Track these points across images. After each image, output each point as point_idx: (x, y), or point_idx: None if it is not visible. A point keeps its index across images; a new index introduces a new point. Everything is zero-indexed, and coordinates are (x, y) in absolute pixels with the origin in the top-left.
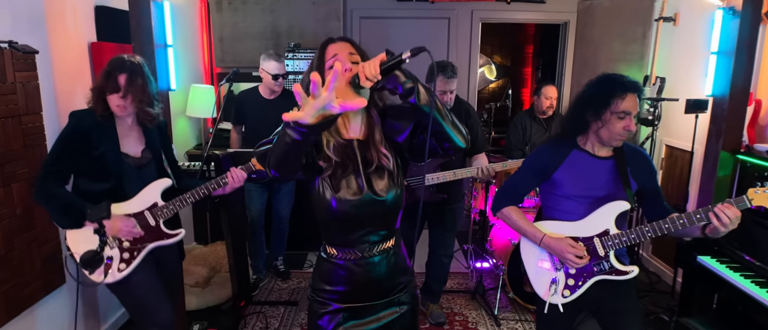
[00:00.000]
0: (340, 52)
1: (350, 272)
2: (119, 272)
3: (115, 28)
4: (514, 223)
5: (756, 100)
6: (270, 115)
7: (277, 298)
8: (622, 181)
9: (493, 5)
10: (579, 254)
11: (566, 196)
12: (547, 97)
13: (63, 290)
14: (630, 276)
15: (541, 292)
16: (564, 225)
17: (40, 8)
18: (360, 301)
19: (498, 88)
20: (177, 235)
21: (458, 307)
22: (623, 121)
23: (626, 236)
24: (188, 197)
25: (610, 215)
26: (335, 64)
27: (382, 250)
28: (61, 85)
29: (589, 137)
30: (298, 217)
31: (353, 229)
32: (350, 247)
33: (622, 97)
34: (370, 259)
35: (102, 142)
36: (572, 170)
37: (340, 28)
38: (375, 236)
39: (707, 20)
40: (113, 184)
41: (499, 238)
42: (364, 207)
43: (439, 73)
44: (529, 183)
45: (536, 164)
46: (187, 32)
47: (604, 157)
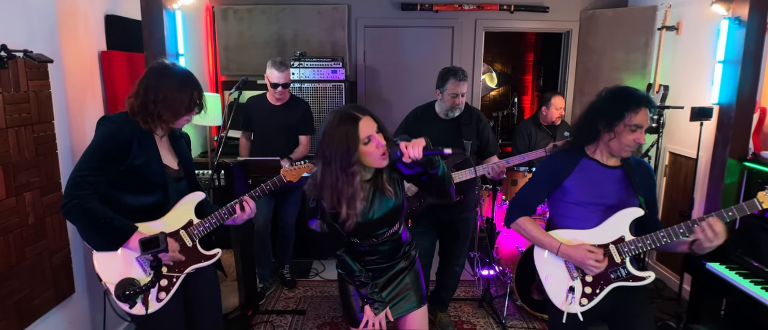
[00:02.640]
0: (371, 131)
1: (378, 254)
2: (158, 302)
3: (124, 37)
4: (528, 233)
5: (761, 108)
6: (277, 121)
7: (284, 306)
8: (633, 188)
9: (496, 14)
10: (598, 259)
11: (577, 202)
12: (557, 107)
13: (73, 300)
14: (647, 282)
15: (558, 301)
16: (579, 233)
17: (53, 17)
18: (382, 273)
19: (499, 96)
20: (215, 256)
21: (466, 316)
22: (634, 134)
23: (642, 242)
24: (224, 213)
25: (625, 222)
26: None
27: (388, 236)
28: (72, 93)
29: (599, 147)
30: (304, 226)
31: (367, 234)
32: (366, 241)
33: (636, 111)
34: (381, 244)
35: (144, 151)
36: (583, 177)
37: (345, 37)
38: (382, 231)
39: (713, 29)
40: (158, 197)
41: (505, 246)
42: (375, 218)
43: (450, 76)
44: (541, 192)
45: (547, 172)
46: (194, 41)
47: (613, 167)
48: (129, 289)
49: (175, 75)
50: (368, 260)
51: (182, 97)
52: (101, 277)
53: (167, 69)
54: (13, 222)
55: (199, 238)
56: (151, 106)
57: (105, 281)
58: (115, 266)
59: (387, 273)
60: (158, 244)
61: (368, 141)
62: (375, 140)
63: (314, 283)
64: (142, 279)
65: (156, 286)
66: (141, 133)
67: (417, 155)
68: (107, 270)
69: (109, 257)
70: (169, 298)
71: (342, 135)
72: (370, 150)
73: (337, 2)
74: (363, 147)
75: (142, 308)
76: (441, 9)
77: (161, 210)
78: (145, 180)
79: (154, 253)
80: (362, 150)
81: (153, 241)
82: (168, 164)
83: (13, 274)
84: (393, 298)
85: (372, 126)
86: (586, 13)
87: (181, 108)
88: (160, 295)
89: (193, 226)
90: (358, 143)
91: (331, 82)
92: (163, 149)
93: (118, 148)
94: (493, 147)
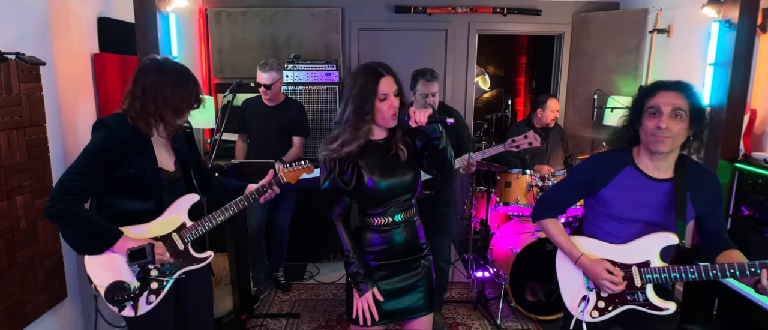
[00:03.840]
0: (389, 91)
1: (383, 236)
2: (148, 304)
3: (117, 39)
4: (552, 236)
5: (751, 109)
6: (271, 122)
7: (278, 310)
8: (675, 210)
9: (489, 17)
10: (615, 281)
11: (612, 216)
12: (553, 110)
13: (65, 304)
14: (666, 313)
15: (570, 306)
16: (604, 246)
17: (46, 20)
18: (390, 260)
19: (492, 98)
20: (206, 258)
21: (461, 317)
22: (653, 119)
23: (668, 272)
24: (218, 216)
25: (655, 246)
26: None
27: (406, 218)
28: (64, 96)
29: (641, 149)
30: (298, 229)
31: (384, 201)
32: (382, 215)
33: (654, 94)
34: (396, 226)
35: (139, 158)
36: (622, 189)
37: (338, 40)
38: (400, 206)
39: (703, 32)
40: (151, 205)
41: (500, 247)
42: (390, 185)
43: (420, 78)
44: (572, 195)
45: (583, 175)
46: (187, 43)
47: (661, 180)
48: (118, 294)
49: (173, 72)
50: (382, 250)
51: (183, 94)
52: (92, 279)
53: (163, 66)
54: (5, 226)
55: (192, 241)
56: (151, 108)
57: (95, 284)
58: (107, 270)
59: (399, 270)
60: (145, 255)
61: (384, 98)
62: (390, 100)
63: (309, 286)
64: (133, 283)
65: (144, 294)
66: (137, 139)
67: (422, 121)
68: (98, 273)
69: (101, 261)
70: (159, 300)
71: (363, 85)
72: (383, 107)
73: (330, 5)
74: (378, 102)
75: (132, 311)
76: (434, 12)
77: (154, 215)
78: (139, 187)
79: (141, 265)
80: (377, 105)
81: (140, 252)
82: (164, 167)
83: (5, 279)
84: (398, 292)
85: (392, 86)
86: (578, 16)
87: (183, 106)
88: (149, 297)
89: (185, 229)
90: (375, 97)
91: (324, 85)
92: (159, 150)
93: (111, 156)
94: (467, 146)
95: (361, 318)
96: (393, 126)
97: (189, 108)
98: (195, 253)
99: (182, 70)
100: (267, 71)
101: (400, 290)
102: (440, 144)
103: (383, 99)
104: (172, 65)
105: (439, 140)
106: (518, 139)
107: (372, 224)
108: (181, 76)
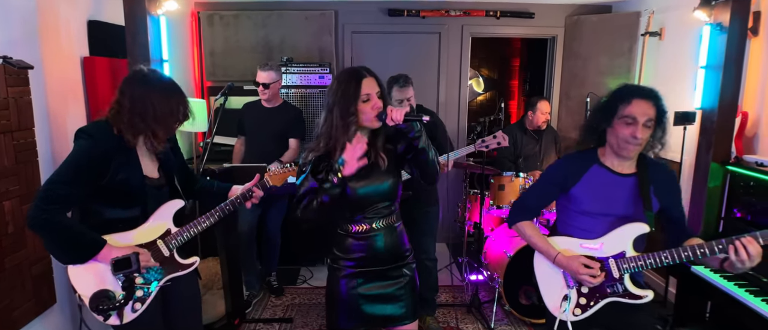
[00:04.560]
0: (372, 91)
1: (362, 243)
2: (133, 312)
3: (107, 42)
4: (528, 238)
5: (743, 112)
6: (268, 125)
7: (271, 315)
8: (643, 201)
9: (483, 20)
10: (593, 274)
11: (584, 212)
12: (543, 112)
13: (54, 311)
14: (645, 300)
15: (552, 307)
16: (579, 243)
17: (34, 23)
18: (371, 267)
19: (486, 101)
20: (192, 264)
21: (454, 321)
22: (629, 127)
23: (643, 260)
24: (203, 221)
25: (628, 237)
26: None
27: (385, 225)
28: (53, 100)
29: (607, 149)
30: (291, 232)
31: (362, 208)
32: (362, 221)
33: (629, 101)
34: (375, 232)
35: (123, 167)
36: (591, 186)
37: (332, 43)
38: (378, 214)
39: (695, 35)
40: (136, 212)
41: (493, 250)
42: (368, 191)
43: (393, 84)
44: (547, 196)
45: (555, 176)
46: (178, 46)
47: (625, 174)
48: (103, 303)
49: (160, 87)
50: (362, 257)
51: (171, 109)
52: (76, 289)
53: (150, 81)
54: None
55: (177, 247)
56: (141, 124)
57: (80, 293)
58: (91, 279)
59: (380, 276)
60: (130, 264)
61: (367, 99)
62: (373, 101)
63: (302, 290)
64: (117, 292)
65: (129, 303)
66: (122, 147)
67: (399, 119)
68: (82, 282)
69: (85, 269)
70: (144, 308)
71: (345, 87)
72: (365, 108)
73: (324, 8)
74: (361, 104)
75: (117, 319)
76: (428, 15)
77: (139, 222)
78: (123, 195)
79: (126, 274)
80: (359, 107)
81: (124, 262)
82: (148, 174)
83: None
84: (379, 298)
85: (374, 87)
86: (571, 19)
87: (173, 122)
88: (135, 305)
89: (170, 235)
90: (358, 98)
91: (318, 88)
92: (144, 159)
93: (94, 165)
94: (444, 147)
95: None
96: (377, 126)
97: (177, 122)
98: (180, 259)
99: (170, 84)
100: (266, 70)
101: (382, 297)
102: (419, 143)
103: (366, 100)
104: (160, 79)
105: (418, 140)
106: (488, 139)
107: (351, 231)
108: (168, 91)
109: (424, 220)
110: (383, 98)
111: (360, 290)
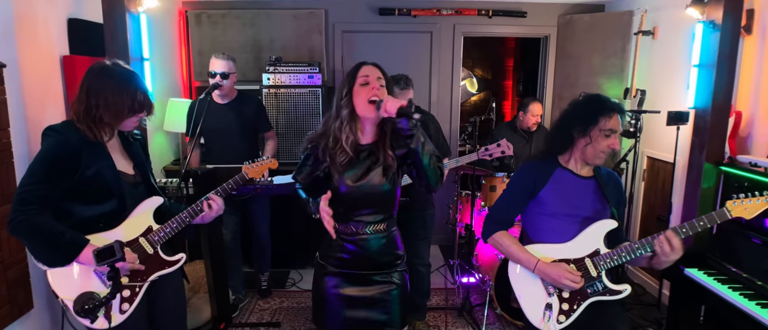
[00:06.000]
0: (371, 75)
1: (349, 243)
2: (122, 314)
3: (88, 41)
4: (506, 249)
5: (736, 111)
6: (229, 121)
7: (258, 319)
8: (607, 200)
9: (475, 19)
10: (575, 279)
11: (553, 214)
12: (534, 114)
13: (31, 316)
14: (624, 294)
15: (535, 320)
16: (554, 247)
17: (10, 21)
18: (355, 269)
19: (480, 101)
20: (178, 261)
21: (445, 325)
22: (609, 139)
23: (617, 254)
24: (185, 216)
25: (599, 234)
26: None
27: (376, 230)
28: (30, 100)
29: (573, 155)
30: (281, 235)
31: (354, 209)
32: (349, 223)
33: (610, 116)
34: (364, 236)
35: (94, 160)
36: (558, 188)
37: (322, 42)
38: (371, 218)
39: (687, 34)
40: (114, 205)
41: (485, 253)
42: (363, 192)
43: (393, 86)
44: (518, 204)
45: (522, 184)
46: (165, 45)
47: (587, 177)
48: (88, 303)
49: (115, 75)
50: (349, 259)
51: (123, 98)
52: (58, 294)
53: (106, 69)
54: None
55: (161, 245)
56: (93, 111)
57: (62, 298)
58: (72, 281)
59: (366, 280)
60: (114, 253)
61: (365, 83)
62: (372, 85)
63: (291, 293)
64: (101, 292)
65: (117, 298)
66: (89, 142)
67: (391, 110)
68: (63, 286)
69: (65, 273)
70: (133, 308)
71: (348, 72)
72: (361, 92)
73: (313, 7)
74: (358, 87)
75: (105, 322)
76: (419, 14)
77: (118, 218)
78: (99, 189)
79: (111, 263)
80: (355, 90)
81: (108, 251)
82: (123, 170)
83: None
84: (364, 302)
85: (375, 73)
86: (564, 18)
87: (124, 110)
88: (123, 306)
89: (153, 232)
90: (355, 81)
91: (307, 88)
92: (116, 155)
93: (66, 160)
94: (443, 150)
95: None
96: (372, 116)
97: (131, 113)
98: (166, 256)
99: (127, 73)
100: (224, 59)
101: (362, 300)
102: (411, 142)
103: (364, 83)
104: (118, 69)
105: (411, 139)
106: (491, 147)
107: (340, 230)
108: (124, 80)
109: (419, 224)
110: (388, 90)
111: (340, 291)
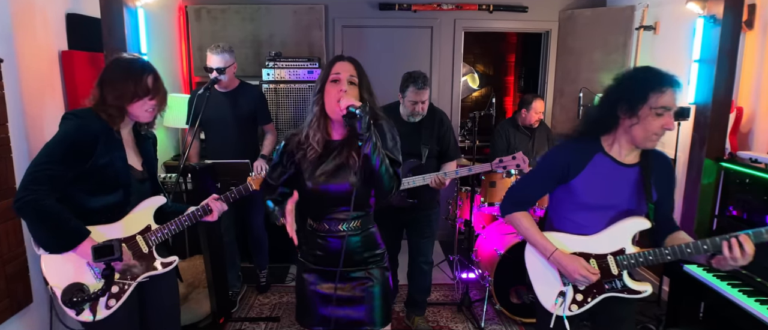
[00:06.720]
0: (343, 72)
1: (324, 241)
2: (107, 309)
3: (87, 36)
4: (523, 231)
5: (737, 107)
6: (227, 111)
7: (257, 314)
8: (645, 194)
9: (475, 14)
10: (590, 278)
11: (583, 205)
12: (537, 111)
13: (30, 310)
14: (643, 295)
15: (547, 304)
16: (576, 238)
17: (7, 15)
18: (330, 266)
19: (481, 97)
20: (171, 263)
21: (444, 320)
22: (662, 119)
23: (644, 257)
24: (184, 220)
25: (628, 233)
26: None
27: (351, 228)
28: (28, 95)
29: (617, 138)
30: (280, 230)
31: (325, 206)
32: (322, 221)
33: (662, 91)
34: (340, 234)
35: (109, 149)
36: (594, 177)
37: (322, 37)
38: (343, 215)
39: (688, 28)
40: (119, 197)
41: (484, 249)
42: (332, 189)
43: (410, 84)
44: (544, 187)
45: (555, 166)
46: (165, 40)
47: (630, 165)
48: (77, 295)
49: (124, 62)
50: (323, 256)
51: (128, 81)
52: (48, 280)
53: (118, 59)
54: None
55: (156, 245)
56: (107, 97)
57: (52, 285)
58: (65, 270)
59: (343, 278)
60: (112, 252)
61: (336, 80)
62: (341, 83)
63: (290, 288)
64: (92, 285)
65: (106, 294)
66: (107, 131)
67: (342, 107)
68: (55, 274)
69: (60, 260)
70: (119, 305)
71: (323, 68)
72: (332, 90)
73: (313, 2)
74: (329, 84)
75: (89, 315)
76: (419, 9)
77: (120, 212)
78: (107, 179)
79: (107, 262)
80: (327, 87)
81: (107, 249)
82: (133, 165)
83: None
84: (341, 301)
85: (348, 70)
86: (565, 13)
87: (128, 92)
88: (109, 302)
89: (150, 231)
90: (327, 77)
91: (306, 83)
92: (128, 149)
93: (84, 143)
94: (453, 152)
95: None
96: (338, 116)
97: (136, 96)
98: (159, 257)
99: (135, 60)
100: (219, 53)
101: (345, 298)
102: (361, 143)
103: (335, 80)
104: (127, 57)
105: (365, 144)
106: (506, 159)
107: (313, 226)
108: (130, 65)
109: (425, 223)
110: (362, 89)
111: (318, 288)
